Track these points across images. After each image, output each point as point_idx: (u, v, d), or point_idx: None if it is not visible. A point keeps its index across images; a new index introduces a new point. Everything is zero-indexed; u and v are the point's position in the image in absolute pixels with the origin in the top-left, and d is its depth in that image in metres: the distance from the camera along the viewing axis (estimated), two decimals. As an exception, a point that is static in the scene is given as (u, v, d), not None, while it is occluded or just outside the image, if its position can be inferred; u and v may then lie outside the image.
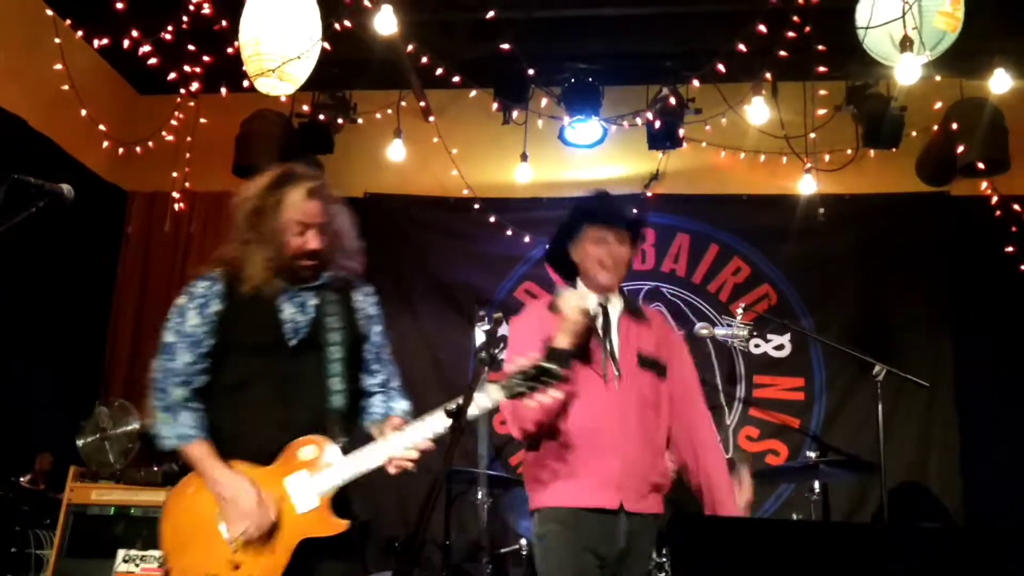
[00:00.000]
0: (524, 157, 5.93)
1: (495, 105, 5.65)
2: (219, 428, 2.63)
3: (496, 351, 2.44)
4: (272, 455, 2.57)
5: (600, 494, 2.90)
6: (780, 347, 5.98)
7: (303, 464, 2.57)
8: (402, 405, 2.84)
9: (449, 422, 2.41)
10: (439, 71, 5.16)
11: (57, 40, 5.21)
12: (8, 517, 4.77)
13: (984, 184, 5.70)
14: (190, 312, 2.68)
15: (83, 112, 5.42)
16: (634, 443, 2.96)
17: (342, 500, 2.59)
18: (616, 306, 3.12)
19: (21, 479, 4.92)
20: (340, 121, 5.96)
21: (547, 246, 3.33)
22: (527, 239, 6.08)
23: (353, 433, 2.67)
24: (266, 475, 2.55)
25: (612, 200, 3.27)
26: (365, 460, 2.54)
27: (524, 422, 2.94)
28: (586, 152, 6.01)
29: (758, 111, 5.43)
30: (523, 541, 4.37)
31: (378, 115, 6.10)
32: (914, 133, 5.68)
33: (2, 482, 4.87)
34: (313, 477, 2.55)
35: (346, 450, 2.58)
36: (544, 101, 5.66)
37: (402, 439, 2.53)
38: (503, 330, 5.79)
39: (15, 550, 4.69)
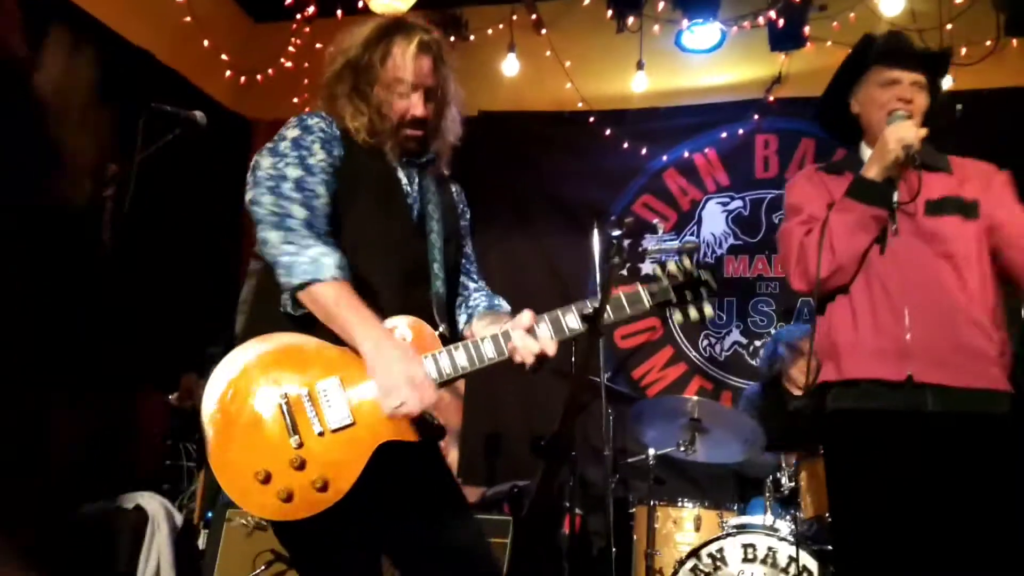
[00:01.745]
0: (640, 66, 5.76)
1: (609, 13, 5.51)
2: None
3: (624, 256, 2.24)
4: None
5: (881, 362, 2.50)
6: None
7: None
8: (506, 306, 2.40)
9: (578, 324, 2.12)
10: (550, -20, 5.07)
11: (177, -29, 5.35)
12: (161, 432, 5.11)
13: None
14: (314, 145, 2.14)
15: (205, 43, 5.56)
16: (928, 301, 2.51)
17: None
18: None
19: (170, 397, 5.24)
20: (452, 39, 5.92)
21: (822, 100, 2.94)
22: (644, 151, 5.98)
23: (452, 326, 2.24)
24: (350, 358, 2.02)
25: (908, 41, 2.77)
26: (478, 350, 2.08)
27: (813, 264, 2.53)
28: (704, 57, 5.80)
29: (889, 3, 5.13)
30: (651, 451, 4.41)
31: (490, 31, 6.04)
32: (1063, 18, 5.27)
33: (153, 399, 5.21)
34: None
35: (445, 340, 2.11)
36: (660, 5, 5.49)
37: (530, 333, 2.11)
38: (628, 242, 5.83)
39: (169, 463, 5.03)
